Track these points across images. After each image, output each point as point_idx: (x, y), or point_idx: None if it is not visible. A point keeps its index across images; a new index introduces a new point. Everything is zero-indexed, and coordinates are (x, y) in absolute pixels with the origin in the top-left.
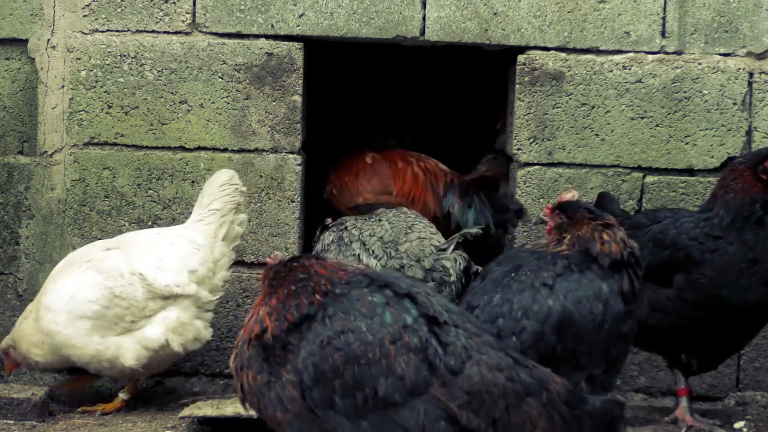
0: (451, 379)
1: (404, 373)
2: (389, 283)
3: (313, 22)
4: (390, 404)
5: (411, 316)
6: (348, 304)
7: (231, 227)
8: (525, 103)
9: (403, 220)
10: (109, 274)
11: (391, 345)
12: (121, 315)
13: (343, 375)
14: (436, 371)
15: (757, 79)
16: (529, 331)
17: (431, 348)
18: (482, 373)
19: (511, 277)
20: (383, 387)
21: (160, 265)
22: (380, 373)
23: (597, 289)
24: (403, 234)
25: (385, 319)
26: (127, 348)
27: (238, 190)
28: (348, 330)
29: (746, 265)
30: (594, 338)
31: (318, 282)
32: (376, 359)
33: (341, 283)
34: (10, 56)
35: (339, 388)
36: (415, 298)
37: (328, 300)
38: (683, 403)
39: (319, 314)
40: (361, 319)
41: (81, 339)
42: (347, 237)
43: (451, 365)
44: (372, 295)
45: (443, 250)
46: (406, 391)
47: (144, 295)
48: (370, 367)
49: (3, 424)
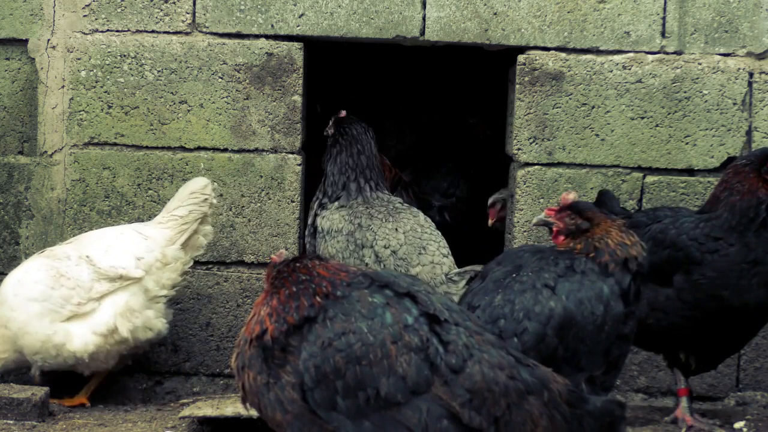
0: (452, 378)
1: (406, 372)
2: (389, 283)
3: (313, 22)
4: (392, 404)
5: (411, 315)
6: (348, 306)
7: (194, 237)
8: (525, 103)
9: (419, 234)
10: (56, 257)
11: (393, 345)
12: (67, 296)
13: (345, 376)
14: (438, 370)
15: (757, 79)
16: (530, 333)
17: (432, 347)
18: (484, 371)
19: (512, 277)
20: (385, 387)
21: (108, 250)
22: (382, 373)
23: (598, 291)
24: (417, 254)
25: (385, 320)
26: (74, 334)
27: (208, 201)
28: (349, 331)
29: (747, 267)
30: (595, 339)
31: (319, 284)
32: (377, 360)
33: (342, 284)
34: (10, 56)
35: (341, 388)
36: (416, 297)
37: (329, 302)
38: (683, 403)
39: (320, 316)
40: (362, 320)
41: (33, 324)
42: (360, 237)
43: (453, 364)
44: (372, 295)
45: (453, 281)
46: (408, 390)
47: (90, 275)
48: (371, 368)
49: (3, 424)
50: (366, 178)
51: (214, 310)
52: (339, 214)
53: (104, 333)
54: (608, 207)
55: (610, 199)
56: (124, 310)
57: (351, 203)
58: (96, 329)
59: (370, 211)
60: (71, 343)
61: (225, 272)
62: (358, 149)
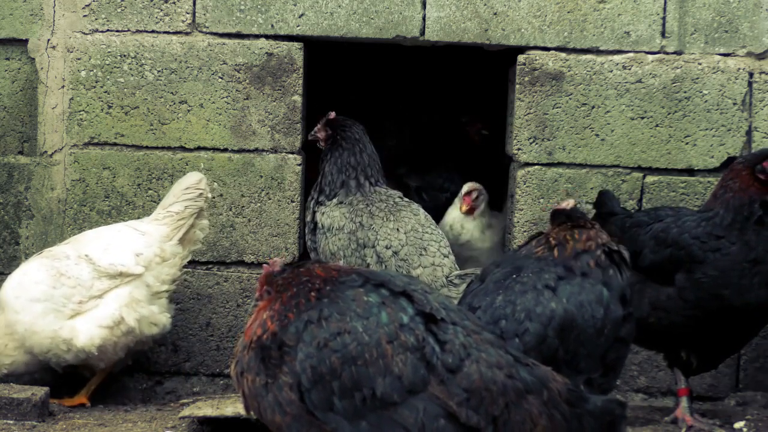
0: (449, 377)
1: (402, 372)
2: (385, 282)
3: (313, 22)
4: (389, 404)
5: (407, 314)
6: (344, 305)
7: (190, 231)
8: (525, 103)
9: (420, 234)
10: (55, 257)
11: (388, 345)
12: (68, 295)
13: (341, 376)
14: (435, 369)
15: (757, 79)
16: (532, 333)
17: (428, 346)
18: (481, 370)
19: (512, 278)
20: (381, 387)
21: (107, 248)
22: (378, 373)
23: (598, 294)
24: (418, 255)
25: (381, 319)
26: (80, 329)
27: (203, 195)
28: (344, 331)
29: (748, 266)
30: (594, 342)
31: (314, 282)
32: (373, 359)
33: (334, 281)
34: (10, 56)
35: (337, 389)
36: (412, 296)
37: (323, 302)
38: (683, 403)
39: (315, 315)
40: (357, 319)
41: (38, 322)
42: (362, 237)
43: (449, 363)
44: (368, 294)
45: (455, 285)
46: (404, 390)
47: (90, 274)
48: (367, 368)
49: (3, 424)
50: (366, 175)
51: (214, 310)
52: (339, 211)
53: (110, 325)
54: (608, 207)
55: (610, 198)
56: (129, 301)
57: (350, 199)
58: (101, 323)
59: (371, 208)
60: (77, 339)
61: (225, 272)
62: (360, 148)
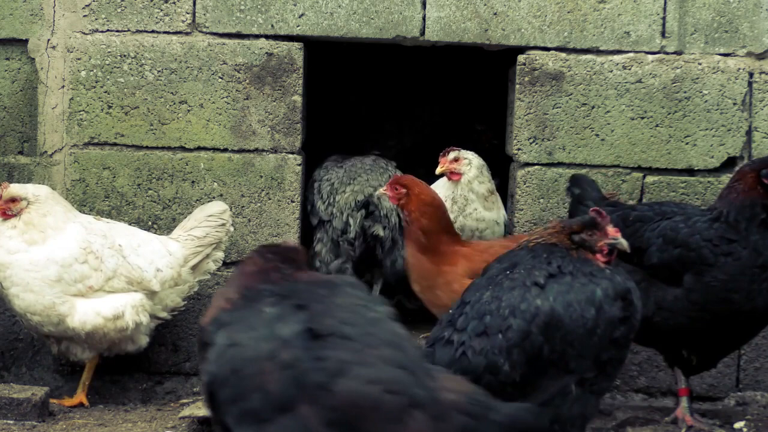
0: (320, 395)
1: (274, 390)
2: (291, 294)
3: (313, 22)
4: (262, 420)
5: (292, 330)
6: (248, 313)
7: (203, 261)
8: (525, 103)
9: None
10: (92, 231)
11: (267, 361)
12: (86, 275)
13: (229, 385)
14: (305, 389)
15: (757, 79)
16: (515, 330)
17: (303, 365)
18: (353, 387)
19: (505, 274)
20: (256, 402)
21: (137, 249)
22: (254, 389)
23: (590, 293)
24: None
25: (265, 333)
26: (78, 310)
27: (225, 227)
28: (236, 343)
29: (758, 271)
30: (585, 343)
31: (239, 285)
32: (251, 374)
33: (254, 290)
34: (10, 56)
35: (229, 397)
36: (309, 308)
37: (234, 311)
38: (683, 403)
39: (226, 319)
40: (248, 331)
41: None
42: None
43: (321, 381)
44: (272, 306)
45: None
46: (275, 408)
47: (114, 265)
48: (246, 381)
49: (3, 424)
50: None
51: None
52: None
53: (109, 317)
54: (587, 193)
55: (588, 184)
56: (138, 306)
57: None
58: (102, 313)
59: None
60: (71, 318)
61: (225, 272)
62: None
